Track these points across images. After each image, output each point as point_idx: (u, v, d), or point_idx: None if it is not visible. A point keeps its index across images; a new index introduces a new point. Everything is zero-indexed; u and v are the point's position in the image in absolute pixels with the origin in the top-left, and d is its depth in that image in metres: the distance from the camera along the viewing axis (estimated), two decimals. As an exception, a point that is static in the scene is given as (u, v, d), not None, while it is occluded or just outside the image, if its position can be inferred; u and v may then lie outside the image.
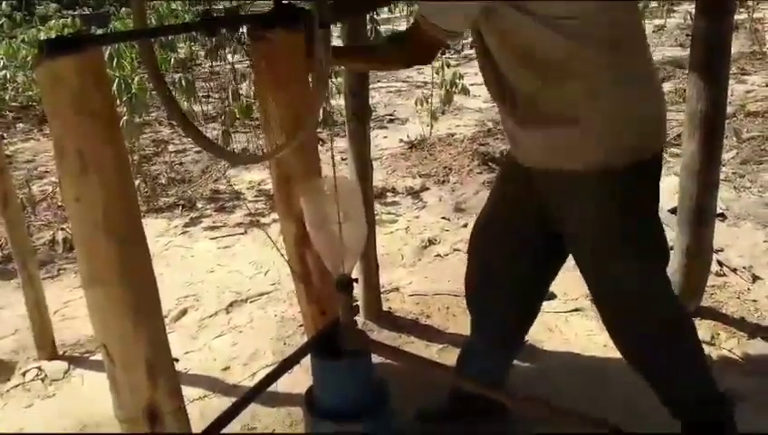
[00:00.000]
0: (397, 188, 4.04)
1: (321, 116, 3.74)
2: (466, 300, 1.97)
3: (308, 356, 1.43)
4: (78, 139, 0.99)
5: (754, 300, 2.58)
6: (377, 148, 4.68)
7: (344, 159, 2.58)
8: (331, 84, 4.62)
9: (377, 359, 1.48)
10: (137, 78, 3.61)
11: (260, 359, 2.42)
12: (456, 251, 3.17)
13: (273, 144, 1.67)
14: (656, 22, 8.75)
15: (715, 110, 2.22)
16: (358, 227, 1.34)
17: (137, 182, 3.89)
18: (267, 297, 2.86)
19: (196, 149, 4.85)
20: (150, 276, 1.11)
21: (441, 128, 5.07)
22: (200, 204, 3.96)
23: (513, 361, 2.06)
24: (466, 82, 4.88)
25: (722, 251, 2.90)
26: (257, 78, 1.74)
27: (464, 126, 5.22)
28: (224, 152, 1.79)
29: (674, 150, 3.89)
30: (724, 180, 3.39)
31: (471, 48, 7.72)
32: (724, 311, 2.49)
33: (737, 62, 6.18)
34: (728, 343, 2.30)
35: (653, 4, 9.04)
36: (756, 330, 2.38)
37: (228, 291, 2.93)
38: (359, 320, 2.54)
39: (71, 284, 3.02)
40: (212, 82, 6.34)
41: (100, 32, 4.71)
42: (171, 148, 4.97)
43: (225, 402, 2.05)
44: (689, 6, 6.22)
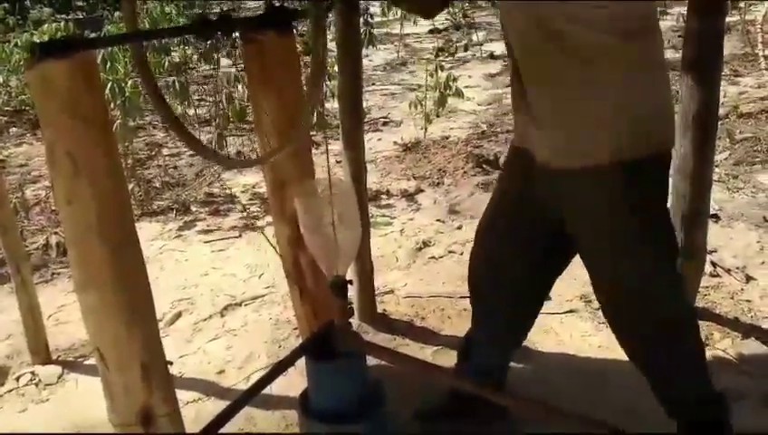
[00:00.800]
0: (391, 190, 4.04)
1: (315, 119, 3.74)
2: (471, 296, 1.96)
3: (303, 358, 1.43)
4: (69, 142, 0.99)
5: (748, 300, 2.59)
6: (371, 150, 4.68)
7: (339, 162, 2.58)
8: (325, 87, 4.63)
9: (372, 361, 1.48)
10: (130, 81, 3.61)
11: (255, 362, 2.42)
12: (451, 253, 3.17)
13: (267, 147, 1.67)
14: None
15: (707, 111, 2.23)
16: (352, 228, 1.34)
17: (130, 186, 3.88)
18: (262, 300, 2.86)
19: (191, 152, 4.84)
20: (144, 280, 1.11)
21: (435, 130, 5.07)
22: (194, 207, 3.95)
23: (512, 360, 2.06)
24: (460, 84, 4.89)
25: (715, 252, 2.91)
26: (250, 81, 1.74)
27: (458, 128, 5.22)
28: (217, 156, 1.79)
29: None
30: (717, 181, 3.41)
31: (465, 51, 7.77)
32: (717, 311, 2.50)
33: (730, 63, 6.21)
34: (722, 344, 2.31)
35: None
36: (750, 330, 2.39)
37: (223, 294, 2.92)
38: (353, 322, 2.54)
39: (64, 288, 3.01)
40: (206, 86, 6.34)
41: (94, 36, 4.70)
42: (165, 151, 4.96)
43: (220, 405, 2.04)
44: (682, 9, 6.24)
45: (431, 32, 9.44)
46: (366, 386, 1.44)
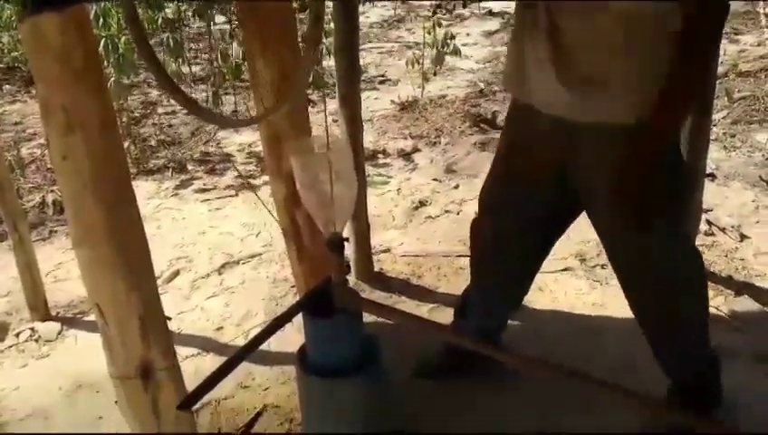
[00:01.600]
0: (388, 149, 4.03)
1: (312, 77, 3.70)
2: (472, 254, 1.96)
3: (300, 315, 1.44)
4: (63, 96, 0.98)
5: (742, 259, 2.61)
6: (368, 109, 4.65)
7: (335, 121, 2.56)
8: (321, 45, 4.57)
9: (368, 318, 1.50)
10: (123, 38, 3.55)
11: (252, 319, 2.44)
12: (448, 212, 3.18)
13: (263, 105, 1.66)
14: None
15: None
16: (349, 185, 1.34)
17: (126, 144, 3.86)
18: (259, 259, 2.87)
19: (186, 111, 4.80)
20: (140, 235, 1.11)
21: (433, 89, 5.03)
22: (190, 166, 3.94)
23: (509, 319, 2.09)
24: (458, 42, 4.83)
25: (711, 211, 2.92)
26: (246, 38, 1.72)
27: (456, 87, 5.18)
28: (212, 116, 1.78)
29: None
30: (714, 140, 3.40)
31: (463, 8, 7.66)
32: (712, 269, 2.52)
33: (730, 21, 6.13)
34: (715, 301, 2.33)
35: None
36: (743, 288, 2.42)
37: (220, 253, 2.93)
38: (350, 280, 2.56)
39: (62, 246, 3.02)
40: (200, 43, 6.25)
41: (86, -9, 4.61)
42: (160, 110, 4.92)
43: (219, 361, 2.06)
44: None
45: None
46: (362, 342, 1.46)
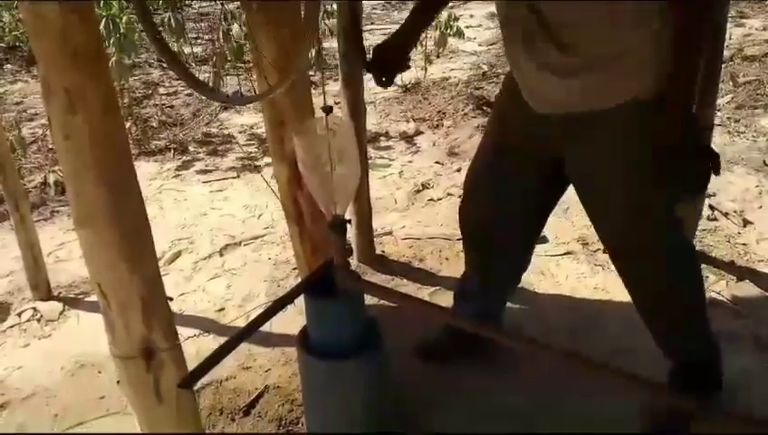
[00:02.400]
0: (390, 132, 4.02)
1: (314, 58, 3.68)
2: (464, 238, 1.96)
3: (302, 296, 1.44)
4: (64, 76, 0.97)
5: (744, 244, 2.61)
6: (370, 91, 4.62)
7: (337, 103, 2.55)
8: (324, 26, 4.54)
9: (369, 300, 1.50)
10: (125, 18, 3.53)
11: (254, 300, 2.45)
12: (450, 195, 3.18)
13: (266, 85, 1.65)
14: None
15: (711, 53, 2.19)
16: (351, 167, 1.33)
17: (127, 125, 3.85)
18: (261, 241, 2.87)
19: (188, 91, 4.79)
20: (142, 216, 1.10)
21: (435, 71, 5.01)
22: (192, 147, 3.93)
23: (508, 301, 2.09)
24: (461, 24, 4.79)
25: (714, 196, 2.92)
26: (249, 18, 1.71)
27: (458, 69, 5.16)
28: (216, 94, 1.77)
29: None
30: (718, 125, 3.39)
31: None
32: (714, 254, 2.52)
33: (736, 4, 6.09)
34: (717, 286, 2.33)
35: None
36: (745, 273, 2.42)
37: (222, 234, 2.93)
38: (352, 263, 2.56)
39: (64, 226, 3.02)
40: (202, 23, 6.22)
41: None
42: (162, 90, 4.90)
43: (220, 342, 2.07)
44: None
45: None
46: (364, 324, 1.46)
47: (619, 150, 1.50)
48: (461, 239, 2.70)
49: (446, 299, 2.32)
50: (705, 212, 2.75)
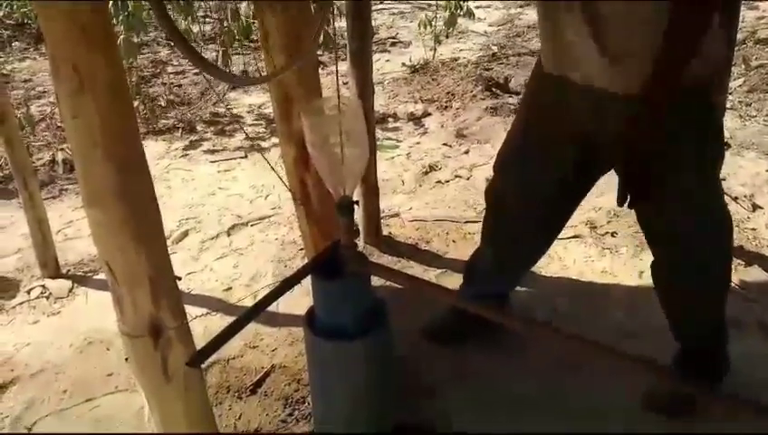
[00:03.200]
0: (398, 113, 4.00)
1: (322, 38, 3.66)
2: (488, 220, 1.95)
3: (308, 277, 1.45)
4: (73, 54, 0.97)
5: (753, 229, 2.59)
6: (378, 72, 4.61)
7: (345, 83, 2.54)
8: (333, 5, 4.51)
9: (376, 281, 1.50)
10: (133, -4, 3.52)
11: (261, 280, 2.46)
12: (458, 178, 3.17)
13: (274, 65, 1.64)
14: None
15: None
16: (359, 147, 1.33)
17: (135, 103, 3.85)
18: (268, 221, 2.87)
19: (196, 71, 4.77)
20: (151, 194, 1.10)
21: (445, 52, 4.97)
22: (200, 127, 3.92)
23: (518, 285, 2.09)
24: (471, 4, 4.75)
25: (724, 180, 2.89)
26: (257, -5, 1.70)
27: (468, 50, 5.12)
28: (224, 74, 1.75)
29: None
30: (730, 109, 3.36)
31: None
32: (722, 239, 2.51)
33: (750, -13, 6.01)
34: (725, 271, 2.32)
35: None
36: (754, 258, 2.41)
37: (229, 214, 2.94)
38: (359, 244, 2.56)
39: (72, 204, 3.03)
40: (210, 1, 6.18)
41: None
42: (170, 69, 4.88)
43: (228, 321, 2.08)
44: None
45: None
46: (370, 305, 1.47)
47: (673, 135, 1.49)
48: (469, 221, 2.73)
49: (452, 281, 2.32)
50: (715, 196, 2.74)
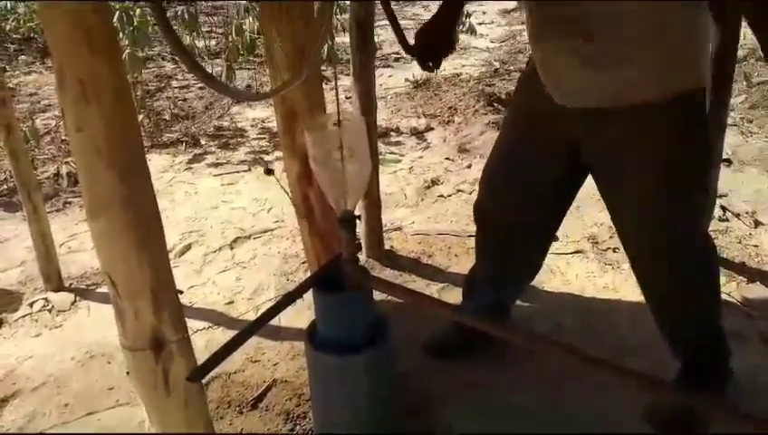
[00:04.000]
0: (401, 127, 4.01)
1: (326, 53, 3.68)
2: (479, 232, 1.95)
3: (310, 291, 1.45)
4: (78, 67, 0.98)
5: (756, 245, 2.59)
6: (381, 87, 4.63)
7: (348, 98, 2.55)
8: (336, 20, 4.54)
9: (378, 296, 1.50)
10: (138, 10, 3.55)
11: (263, 294, 2.46)
12: (460, 192, 3.17)
13: (278, 80, 1.66)
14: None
15: (726, 53, 2.18)
16: (362, 162, 1.33)
17: (140, 117, 3.87)
18: (270, 234, 2.88)
19: (200, 85, 4.80)
20: (154, 207, 1.11)
21: (447, 67, 5.00)
22: (204, 140, 3.94)
23: (518, 299, 2.09)
24: (474, 20, 4.78)
25: (725, 196, 2.90)
26: (262, 12, 1.71)
27: (470, 66, 5.15)
28: (228, 89, 1.77)
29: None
30: (731, 125, 3.37)
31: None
32: (725, 255, 2.50)
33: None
34: (728, 287, 2.32)
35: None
36: (756, 274, 2.40)
37: (232, 227, 2.95)
38: (361, 258, 2.56)
39: (76, 217, 3.04)
40: (215, 17, 6.23)
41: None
42: (174, 83, 4.92)
43: (230, 334, 2.07)
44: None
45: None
46: (372, 319, 1.47)
47: (648, 147, 1.48)
48: (471, 236, 2.72)
49: (455, 296, 2.32)
50: (717, 213, 2.74)
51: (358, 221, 1.37)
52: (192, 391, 1.28)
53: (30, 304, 2.44)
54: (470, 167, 3.43)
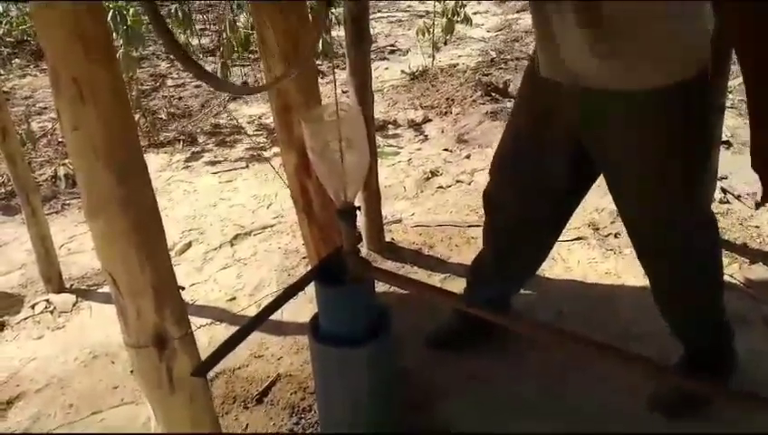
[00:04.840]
0: (398, 120, 4.00)
1: (321, 47, 3.67)
2: (487, 224, 1.94)
3: (312, 284, 1.45)
4: (73, 67, 0.97)
5: (757, 226, 2.59)
6: (378, 79, 4.62)
7: (345, 92, 2.54)
8: (331, 14, 4.53)
9: (380, 288, 1.50)
10: (132, 10, 3.53)
11: (264, 289, 2.46)
12: (459, 183, 3.17)
13: (273, 75, 1.65)
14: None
15: (722, 35, 2.17)
16: (360, 153, 1.33)
17: (136, 117, 3.86)
18: (270, 230, 2.87)
19: (195, 83, 4.79)
20: (153, 206, 1.10)
21: (443, 58, 4.99)
22: (201, 138, 3.93)
23: (521, 289, 2.09)
24: (469, 10, 4.77)
25: (726, 178, 2.89)
26: (254, 8, 1.70)
27: (466, 56, 5.13)
28: (224, 84, 1.76)
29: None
30: (729, 107, 3.35)
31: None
32: (726, 237, 2.50)
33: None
34: (729, 269, 2.31)
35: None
36: (757, 255, 2.40)
37: (232, 224, 2.94)
38: (362, 250, 2.56)
39: (75, 219, 3.04)
40: (209, 14, 6.21)
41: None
42: (170, 82, 4.90)
43: (232, 330, 2.09)
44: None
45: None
46: (374, 311, 1.46)
47: (652, 133, 1.47)
48: (471, 226, 2.73)
49: (456, 286, 2.32)
50: (718, 195, 2.73)
51: (358, 213, 1.37)
52: (197, 387, 1.28)
53: (32, 307, 2.44)
54: (469, 157, 3.42)
